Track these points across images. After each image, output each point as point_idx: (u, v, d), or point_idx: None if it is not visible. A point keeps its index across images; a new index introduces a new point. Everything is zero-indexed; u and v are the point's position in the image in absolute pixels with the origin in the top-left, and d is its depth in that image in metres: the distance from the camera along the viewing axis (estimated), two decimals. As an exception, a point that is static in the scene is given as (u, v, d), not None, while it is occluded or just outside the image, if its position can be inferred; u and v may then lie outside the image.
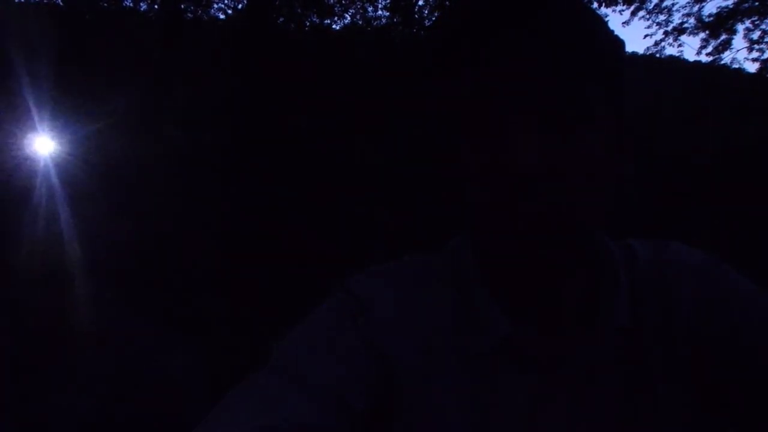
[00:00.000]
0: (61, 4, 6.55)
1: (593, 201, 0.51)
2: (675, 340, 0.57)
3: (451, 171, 0.54)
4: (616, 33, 0.54)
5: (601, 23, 0.53)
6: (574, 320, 0.57)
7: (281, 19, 6.45)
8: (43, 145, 0.96)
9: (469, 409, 0.54)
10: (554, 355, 0.55)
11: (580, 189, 0.50)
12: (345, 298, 0.58)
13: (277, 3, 6.15)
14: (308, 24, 6.46)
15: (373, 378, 0.54)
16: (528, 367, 0.55)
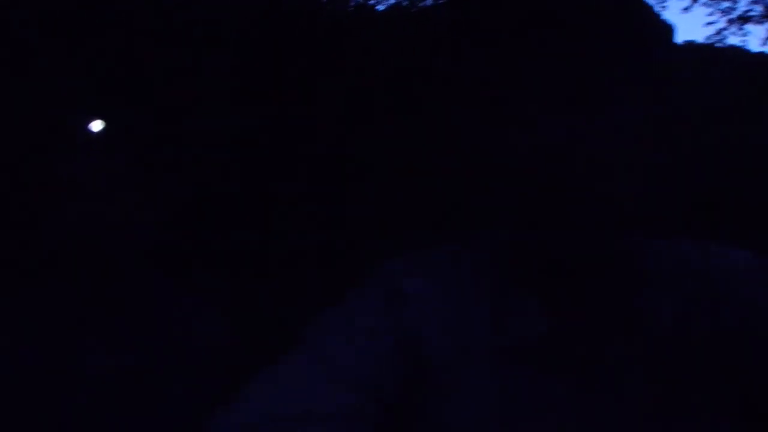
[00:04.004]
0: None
1: (624, 184, 0.50)
2: (721, 348, 0.55)
3: (479, 159, 0.54)
4: (664, 17, 0.52)
5: (643, 5, 0.52)
6: (613, 321, 0.55)
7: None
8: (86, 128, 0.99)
9: (500, 407, 0.53)
10: (590, 357, 0.54)
11: (610, 171, 0.49)
12: (380, 285, 0.59)
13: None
14: (353, 4, 6.36)
15: (405, 368, 0.54)
16: (563, 367, 0.54)
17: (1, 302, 0.99)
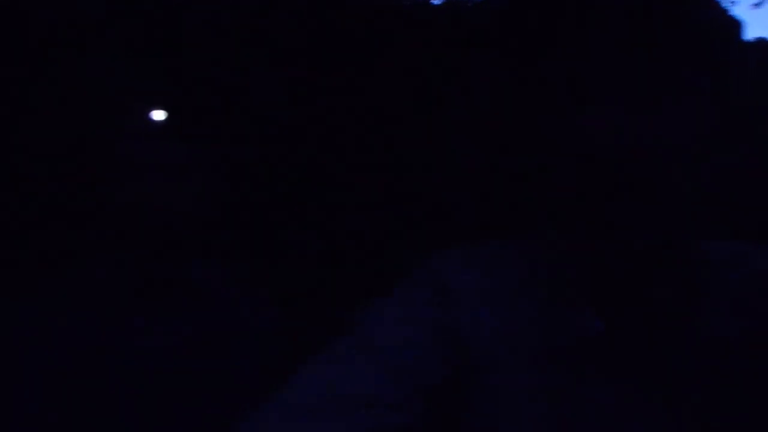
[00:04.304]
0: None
1: (686, 184, 0.48)
2: None
3: (534, 156, 0.53)
4: (732, 13, 0.50)
5: (710, 1, 0.50)
6: (670, 326, 0.53)
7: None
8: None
9: (547, 409, 0.52)
10: (644, 360, 0.53)
11: (671, 171, 0.48)
12: (429, 278, 0.58)
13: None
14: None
15: (451, 362, 0.54)
16: (614, 370, 0.53)
17: (60, 281, 1.04)
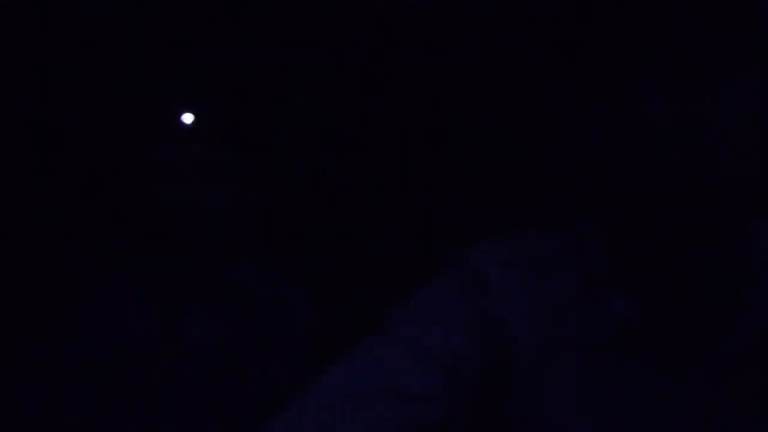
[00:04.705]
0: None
1: (733, 171, 0.46)
2: None
3: (575, 142, 0.52)
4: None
5: None
6: (712, 312, 0.51)
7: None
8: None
9: (586, 399, 0.52)
10: (685, 349, 0.51)
11: (717, 157, 0.46)
12: (464, 271, 0.58)
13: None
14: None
15: (485, 355, 0.53)
16: (655, 360, 0.51)
17: (103, 283, 1.07)
